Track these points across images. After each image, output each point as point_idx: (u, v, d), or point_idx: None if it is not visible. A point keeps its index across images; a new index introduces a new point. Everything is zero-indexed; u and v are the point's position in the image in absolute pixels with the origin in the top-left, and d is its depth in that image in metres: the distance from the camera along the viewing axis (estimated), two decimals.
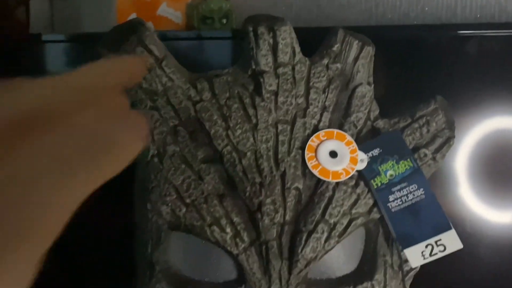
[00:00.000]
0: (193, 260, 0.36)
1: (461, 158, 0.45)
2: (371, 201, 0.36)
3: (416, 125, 0.38)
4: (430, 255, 0.36)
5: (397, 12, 0.70)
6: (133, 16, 0.68)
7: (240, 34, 0.44)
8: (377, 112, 0.39)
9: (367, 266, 0.37)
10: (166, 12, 0.67)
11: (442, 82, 0.44)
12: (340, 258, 0.37)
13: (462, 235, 0.44)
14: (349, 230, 0.35)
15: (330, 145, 0.36)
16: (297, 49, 0.39)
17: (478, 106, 0.45)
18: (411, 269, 0.39)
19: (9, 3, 0.66)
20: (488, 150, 0.45)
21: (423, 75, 0.47)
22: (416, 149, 0.38)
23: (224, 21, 0.63)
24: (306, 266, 0.34)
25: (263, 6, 0.70)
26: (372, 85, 0.39)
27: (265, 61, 0.38)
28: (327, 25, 0.43)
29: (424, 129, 0.38)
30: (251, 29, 0.38)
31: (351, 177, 0.36)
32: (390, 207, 0.36)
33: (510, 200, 0.44)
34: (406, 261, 0.38)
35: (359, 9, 0.70)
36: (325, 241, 0.35)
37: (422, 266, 0.39)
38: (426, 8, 0.68)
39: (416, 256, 0.36)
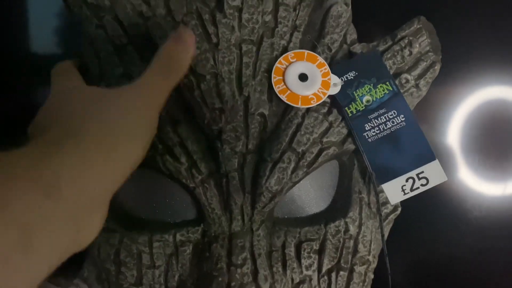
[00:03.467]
0: (145, 197, 0.32)
1: (454, 129, 0.41)
2: (345, 130, 0.32)
3: (397, 47, 0.34)
4: (411, 190, 0.32)
5: None
6: None
7: None
8: (354, 36, 0.35)
9: (340, 203, 0.33)
10: None
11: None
12: (311, 195, 0.33)
13: (456, 209, 0.42)
14: (319, 160, 0.31)
15: (300, 67, 0.32)
16: None
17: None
18: (391, 211, 0.36)
19: None
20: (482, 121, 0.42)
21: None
22: (397, 75, 0.34)
23: None
24: (271, 200, 0.31)
25: None
26: (350, 6, 0.35)
27: None
28: None
29: (406, 51, 0.34)
30: None
31: (324, 104, 0.32)
32: (367, 136, 0.32)
33: (503, 172, 0.41)
34: (385, 203, 0.35)
35: None
36: (292, 172, 0.31)
37: (417, 235, 0.36)
38: None
39: (396, 191, 0.32)
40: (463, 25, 0.42)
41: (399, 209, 0.36)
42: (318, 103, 0.31)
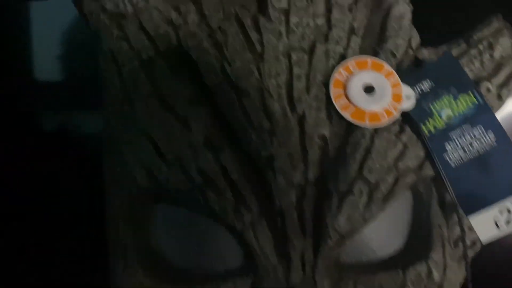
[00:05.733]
0: (180, 242, 0.26)
1: None
2: (422, 153, 0.27)
3: (474, 51, 0.28)
4: (507, 223, 0.26)
5: None
6: None
7: None
8: (418, 39, 0.30)
9: (418, 242, 0.27)
10: None
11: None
12: (382, 232, 0.27)
13: None
14: (395, 190, 0.25)
15: (364, 77, 0.26)
16: None
17: None
18: (470, 245, 0.29)
19: None
20: None
21: None
22: (475, 83, 0.28)
23: None
24: (339, 243, 0.25)
25: None
26: (411, 7, 0.30)
27: None
28: None
29: (486, 56, 0.28)
30: None
31: (394, 122, 0.27)
32: (449, 159, 0.26)
33: None
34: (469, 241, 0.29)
35: None
36: (365, 207, 0.25)
37: None
38: None
39: (487, 225, 0.26)
40: None
41: (480, 244, 0.30)
42: (389, 120, 0.26)
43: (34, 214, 0.40)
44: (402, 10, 0.29)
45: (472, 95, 0.27)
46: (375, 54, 0.28)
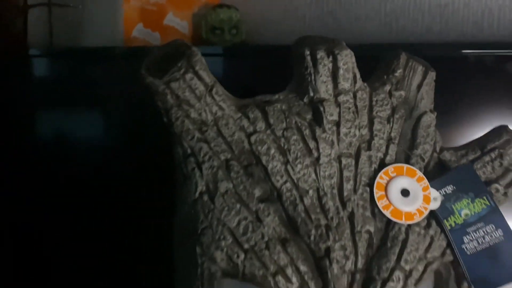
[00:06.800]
0: None
1: None
2: (444, 243, 0.33)
3: (487, 158, 0.35)
4: None
5: (419, 26, 0.67)
6: (139, 26, 0.66)
7: (236, 51, 0.42)
8: (441, 142, 0.36)
9: None
10: (172, 21, 0.65)
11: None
12: None
13: None
14: (424, 276, 0.32)
15: (401, 182, 0.33)
16: (358, 75, 0.35)
17: None
18: None
19: (5, 15, 0.61)
20: None
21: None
22: (487, 183, 0.35)
23: (234, 31, 0.61)
24: None
25: (274, 17, 0.67)
26: (435, 113, 0.37)
27: (325, 88, 0.34)
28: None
29: (497, 163, 0.35)
30: (308, 52, 0.34)
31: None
32: (465, 249, 0.33)
33: None
34: None
35: (377, 23, 0.67)
36: None
37: None
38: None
39: None
40: None
41: None
42: (420, 218, 0.32)
43: None
44: (429, 119, 0.36)
45: (486, 199, 0.33)
46: (408, 158, 0.35)
